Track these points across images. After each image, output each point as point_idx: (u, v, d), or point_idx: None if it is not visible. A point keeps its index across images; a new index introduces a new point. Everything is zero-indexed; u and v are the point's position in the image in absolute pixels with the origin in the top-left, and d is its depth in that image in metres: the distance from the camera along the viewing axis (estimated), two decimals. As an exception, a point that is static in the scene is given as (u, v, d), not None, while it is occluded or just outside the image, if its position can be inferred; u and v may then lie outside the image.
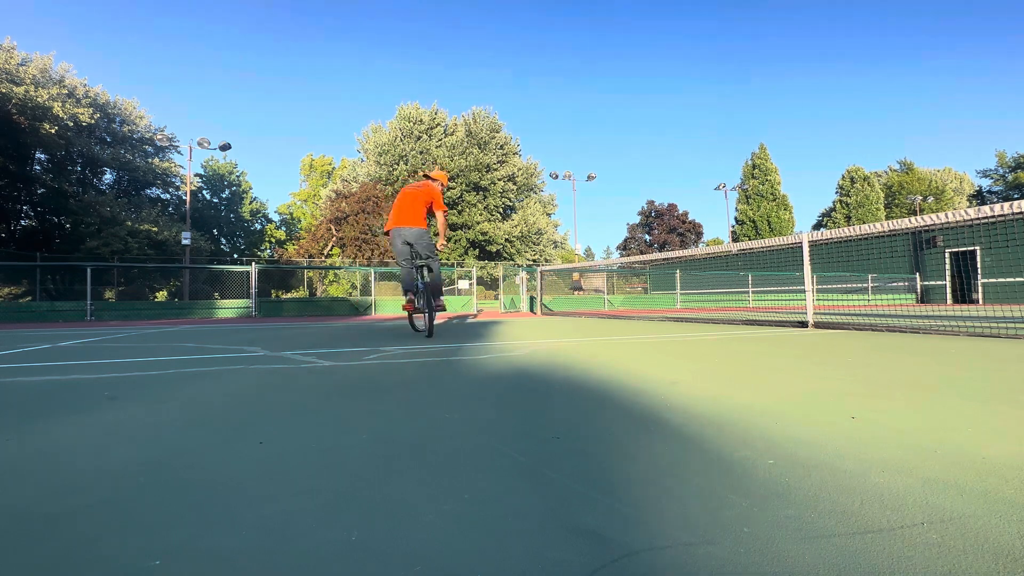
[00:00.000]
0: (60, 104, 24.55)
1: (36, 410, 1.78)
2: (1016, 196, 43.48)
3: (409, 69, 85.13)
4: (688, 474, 1.05)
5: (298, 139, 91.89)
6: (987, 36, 76.25)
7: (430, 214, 5.23)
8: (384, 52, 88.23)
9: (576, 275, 22.48)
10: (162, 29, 71.83)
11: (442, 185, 5.45)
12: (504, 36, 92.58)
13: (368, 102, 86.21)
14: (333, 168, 50.62)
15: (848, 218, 45.73)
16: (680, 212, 52.50)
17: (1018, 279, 16.88)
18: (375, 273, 16.14)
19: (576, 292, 21.91)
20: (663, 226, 52.08)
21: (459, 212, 36.47)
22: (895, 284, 21.34)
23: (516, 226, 37.20)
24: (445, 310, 5.58)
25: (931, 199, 45.94)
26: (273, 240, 50.02)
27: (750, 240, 19.47)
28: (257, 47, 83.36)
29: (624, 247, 55.55)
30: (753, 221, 43.70)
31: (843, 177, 47.88)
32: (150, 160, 31.52)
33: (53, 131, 24.24)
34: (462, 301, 15.71)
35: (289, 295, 29.43)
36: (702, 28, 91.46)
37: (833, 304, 15.73)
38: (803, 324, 5.89)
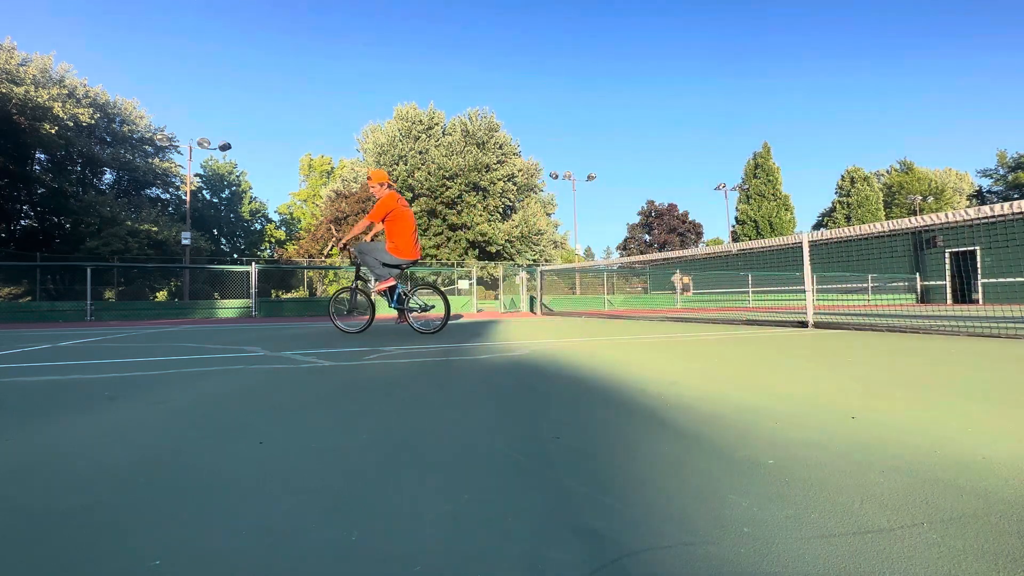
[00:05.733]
0: (60, 104, 24.56)
1: (36, 410, 1.78)
2: (1016, 196, 43.47)
3: (408, 70, 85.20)
4: (688, 474, 1.05)
5: (298, 139, 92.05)
6: (988, 36, 76.28)
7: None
8: (383, 52, 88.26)
9: (686, 278, 22.98)
10: (162, 29, 71.85)
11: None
12: (503, 36, 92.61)
13: (367, 102, 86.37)
14: (333, 168, 50.63)
15: (848, 218, 45.76)
16: (680, 212, 52.49)
17: (1018, 279, 16.88)
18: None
19: (685, 292, 22.32)
20: (663, 226, 52.07)
21: (459, 212, 36.45)
22: (895, 284, 21.34)
23: (516, 226, 37.18)
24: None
25: (931, 199, 45.97)
26: (273, 240, 50.05)
27: (750, 240, 19.48)
28: (257, 47, 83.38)
29: (624, 247, 55.54)
30: (754, 221, 43.70)
31: (843, 177, 47.93)
32: (150, 160, 31.54)
33: (53, 131, 24.24)
34: (462, 301, 15.71)
35: (289, 295, 29.42)
36: (702, 29, 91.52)
37: (833, 304, 15.74)
38: (803, 324, 5.89)
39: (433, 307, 5.69)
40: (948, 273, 20.35)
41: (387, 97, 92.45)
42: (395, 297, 5.44)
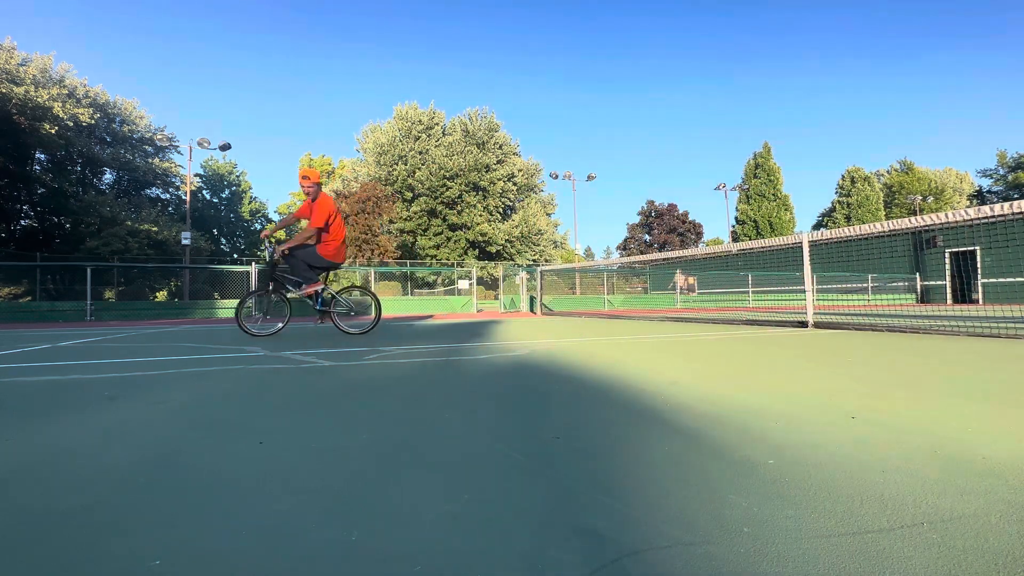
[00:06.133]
0: (60, 104, 24.56)
1: (36, 410, 1.78)
2: (1016, 196, 43.46)
3: (408, 69, 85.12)
4: (688, 474, 1.05)
5: (298, 139, 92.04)
6: (988, 35, 76.29)
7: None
8: (383, 52, 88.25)
9: (692, 279, 22.48)
10: (162, 29, 71.77)
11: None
12: (503, 35, 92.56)
13: (367, 102, 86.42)
14: (333, 168, 50.64)
15: (848, 218, 45.77)
16: (680, 212, 52.51)
17: (1018, 279, 16.88)
18: (375, 273, 16.15)
19: (690, 293, 21.93)
20: (663, 226, 52.09)
21: (459, 212, 36.46)
22: (895, 284, 21.34)
23: (516, 226, 37.19)
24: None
25: (931, 199, 45.97)
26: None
27: (750, 240, 19.49)
28: (256, 47, 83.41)
29: (624, 247, 55.57)
30: (754, 221, 43.71)
31: (843, 177, 47.93)
32: (150, 160, 31.54)
33: (53, 131, 24.24)
34: (462, 301, 15.70)
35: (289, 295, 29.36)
36: (702, 29, 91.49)
37: (833, 304, 15.74)
38: (803, 324, 5.89)
39: (361, 309, 5.61)
40: (948, 273, 20.34)
41: (387, 97, 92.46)
42: (319, 299, 5.29)
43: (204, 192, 42.23)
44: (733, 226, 44.95)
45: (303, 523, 0.84)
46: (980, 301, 18.32)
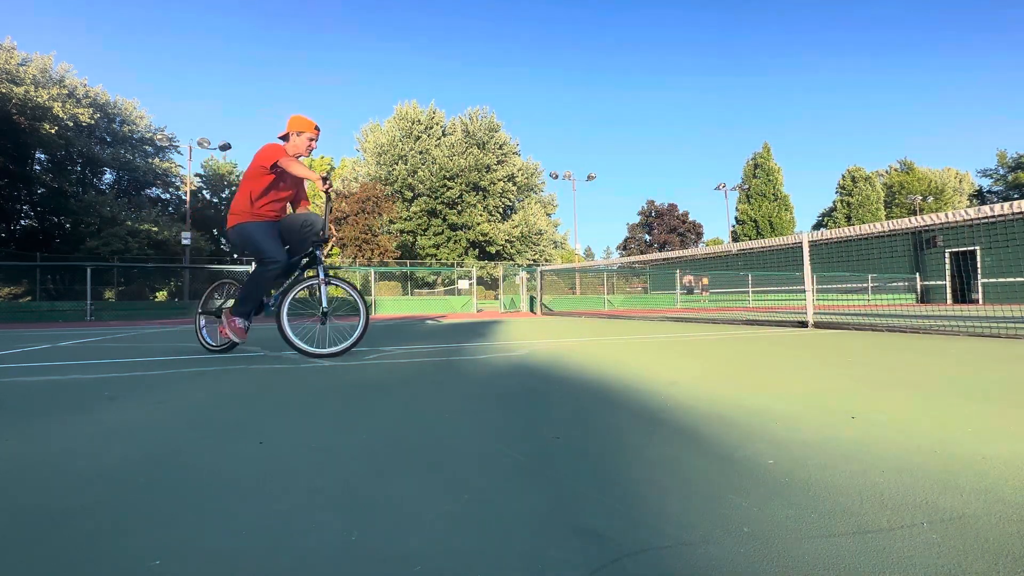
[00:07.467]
0: (60, 104, 24.57)
1: (36, 410, 1.78)
2: (1016, 196, 43.43)
3: (408, 63, 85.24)
4: (688, 474, 1.05)
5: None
6: (988, 34, 76.30)
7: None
8: (384, 52, 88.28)
9: (704, 279, 22.22)
10: (162, 29, 71.81)
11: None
12: (503, 35, 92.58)
13: (367, 102, 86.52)
14: (332, 168, 50.64)
15: (848, 218, 45.78)
16: (680, 212, 52.53)
17: (1018, 279, 16.88)
18: (375, 273, 16.16)
19: (704, 293, 21.69)
20: (663, 226, 52.11)
21: (459, 213, 36.47)
22: (895, 284, 21.34)
23: (516, 226, 37.19)
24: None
25: (931, 199, 45.98)
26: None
27: (750, 240, 19.48)
28: (256, 46, 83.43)
29: (624, 247, 55.59)
30: (754, 221, 43.74)
31: (844, 177, 47.95)
32: (150, 160, 31.55)
33: (53, 131, 24.25)
34: (462, 301, 15.70)
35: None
36: (702, 28, 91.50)
37: (833, 304, 15.73)
38: (803, 324, 5.89)
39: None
40: (948, 273, 20.33)
41: (388, 96, 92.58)
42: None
43: (204, 192, 42.20)
44: (733, 226, 44.97)
45: (303, 523, 0.84)
46: (980, 301, 18.31)
